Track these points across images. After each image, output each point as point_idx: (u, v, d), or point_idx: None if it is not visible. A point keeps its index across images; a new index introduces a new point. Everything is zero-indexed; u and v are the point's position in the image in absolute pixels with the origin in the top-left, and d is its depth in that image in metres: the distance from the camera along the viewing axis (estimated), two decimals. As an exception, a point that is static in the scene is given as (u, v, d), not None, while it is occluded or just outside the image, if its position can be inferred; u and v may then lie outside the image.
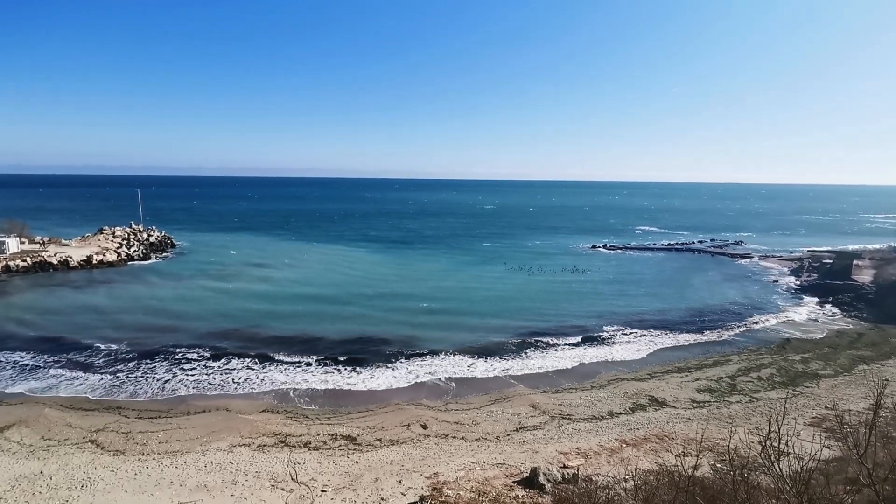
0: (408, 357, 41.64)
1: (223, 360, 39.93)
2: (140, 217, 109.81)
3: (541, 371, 40.02)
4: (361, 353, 42.21)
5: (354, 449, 27.11)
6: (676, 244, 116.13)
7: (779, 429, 10.02)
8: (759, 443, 12.60)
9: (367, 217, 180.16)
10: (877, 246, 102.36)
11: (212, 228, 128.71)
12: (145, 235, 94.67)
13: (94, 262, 75.66)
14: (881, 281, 66.54)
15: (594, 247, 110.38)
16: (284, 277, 71.40)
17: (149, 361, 39.38)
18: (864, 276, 70.65)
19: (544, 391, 36.14)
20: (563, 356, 43.03)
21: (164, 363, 39.15)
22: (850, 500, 10.83)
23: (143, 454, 25.92)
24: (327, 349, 42.86)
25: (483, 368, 40.11)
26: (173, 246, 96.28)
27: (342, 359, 40.78)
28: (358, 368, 39.31)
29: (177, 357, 40.34)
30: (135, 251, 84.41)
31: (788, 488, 8.27)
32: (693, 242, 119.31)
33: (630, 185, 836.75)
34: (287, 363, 39.83)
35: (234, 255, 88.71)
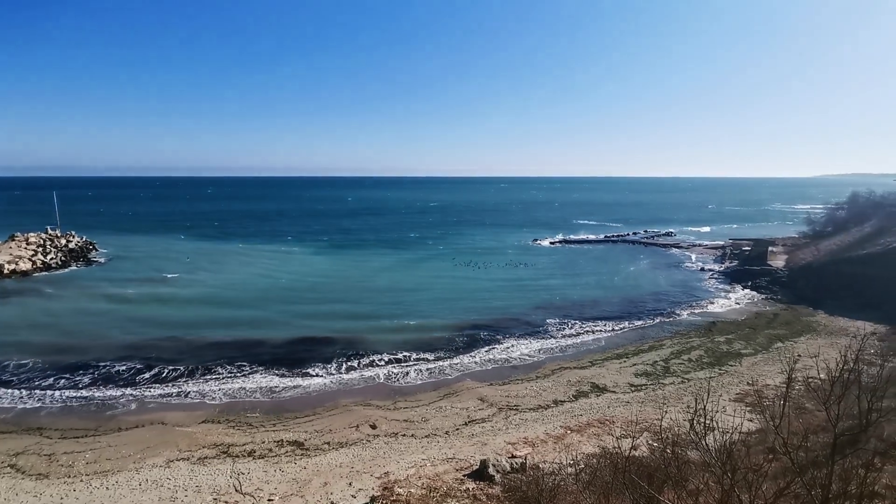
0: (354, 357, 41.06)
1: (155, 372, 37.67)
2: (57, 221, 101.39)
3: (488, 364, 40.74)
4: (305, 356, 41.13)
5: (302, 454, 26.49)
6: (612, 236, 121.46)
7: (705, 407, 10.78)
8: (687, 421, 13.48)
9: (307, 216, 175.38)
10: (789, 234, 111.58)
11: (138, 232, 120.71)
12: (63, 241, 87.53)
13: (6, 271, 69.20)
14: (792, 265, 72.75)
15: (535, 241, 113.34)
16: (218, 282, 67.95)
17: (71, 377, 36.52)
18: (778, 262, 76.97)
19: (492, 384, 36.80)
20: (509, 348, 43.98)
21: (88, 378, 36.44)
22: (768, 468, 11.82)
23: (70, 476, 24.09)
24: (269, 354, 41.46)
25: (431, 364, 40.28)
26: (96, 251, 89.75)
27: (285, 363, 39.57)
28: (302, 372, 38.33)
29: (103, 371, 37.64)
30: (52, 259, 77.92)
31: (714, 461, 8.93)
32: (627, 234, 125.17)
33: (564, 181, 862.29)
34: (226, 371, 38.13)
35: (163, 259, 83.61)
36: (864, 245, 67.27)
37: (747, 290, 65.17)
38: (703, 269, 79.65)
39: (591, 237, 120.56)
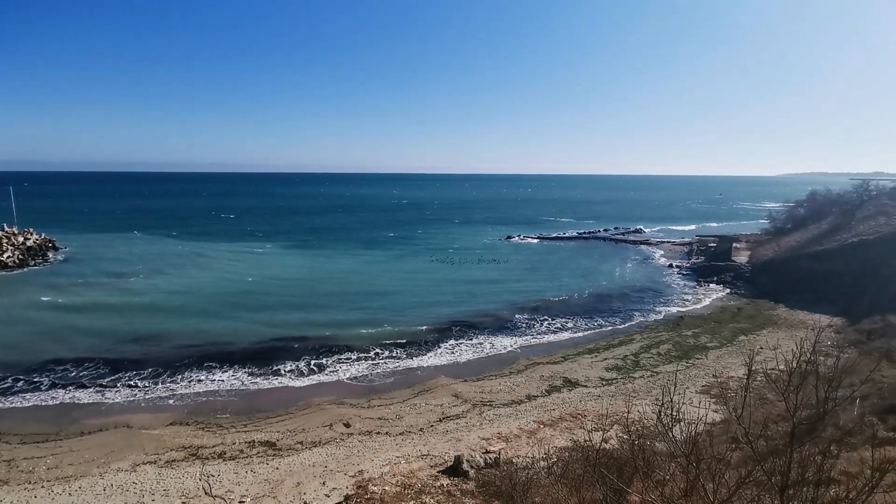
0: (327, 356, 40.66)
1: (119, 374, 36.42)
2: (14, 218, 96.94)
3: (462, 361, 40.92)
4: (276, 356, 40.42)
5: (274, 454, 26.13)
6: (584, 233, 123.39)
7: (671, 399, 11.09)
8: (655, 413, 13.85)
9: (275, 214, 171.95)
10: (752, 230, 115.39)
11: (101, 229, 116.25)
12: (21, 239, 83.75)
13: (-44, 271, 65.95)
14: (755, 261, 75.28)
15: (509, 237, 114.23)
16: (182, 282, 65.84)
17: (28, 379, 35.09)
18: (742, 257, 79.55)
19: (465, 380, 37.00)
20: (483, 345, 44.26)
21: (47, 381, 35.03)
22: (731, 457, 12.25)
23: (31, 482, 23.20)
24: (238, 355, 40.52)
25: (405, 362, 40.24)
26: (55, 250, 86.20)
27: (256, 364, 38.82)
28: (274, 371, 37.75)
29: (62, 374, 36.24)
30: (8, 257, 74.52)
31: (680, 451, 9.21)
32: (599, 231, 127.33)
33: (537, 178, 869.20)
34: (194, 372, 37.16)
35: (127, 258, 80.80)
36: (821, 241, 70.09)
37: (713, 285, 67.18)
38: (671, 266, 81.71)
39: (564, 234, 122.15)
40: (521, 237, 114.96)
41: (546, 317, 52.40)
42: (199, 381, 35.92)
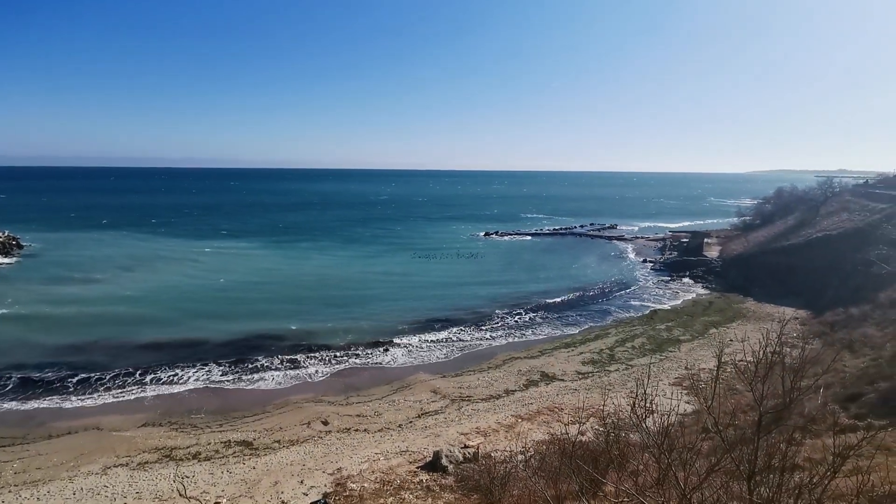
0: (303, 354, 40.25)
1: (87, 376, 35.24)
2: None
3: (440, 356, 41.04)
4: (252, 355, 39.76)
5: (251, 454, 25.81)
6: (560, 229, 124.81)
7: (645, 391, 11.38)
8: (629, 405, 14.18)
9: (249, 210, 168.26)
10: (722, 226, 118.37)
11: (68, 227, 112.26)
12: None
13: (-89, 270, 63.00)
14: (725, 255, 77.35)
15: (487, 234, 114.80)
16: (153, 280, 63.89)
17: (-7, 383, 33.85)
18: (713, 252, 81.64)
19: (444, 376, 37.14)
20: (461, 341, 44.46)
21: (11, 384, 33.71)
22: (702, 446, 12.64)
23: (-6, 489, 22.43)
24: (213, 354, 39.74)
25: (383, 358, 40.16)
26: (20, 248, 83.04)
27: (230, 363, 38.13)
28: (249, 370, 37.21)
29: (27, 376, 34.79)
30: (-33, 255, 71.59)
31: (653, 442, 9.47)
32: (574, 227, 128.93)
33: (512, 175, 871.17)
34: (166, 372, 36.29)
35: (94, 257, 78.03)
36: (787, 237, 72.40)
37: (686, 280, 68.81)
38: (645, 261, 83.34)
39: (540, 230, 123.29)
40: (499, 233, 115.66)
41: (524, 312, 52.90)
42: (172, 381, 35.16)
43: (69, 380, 34.67)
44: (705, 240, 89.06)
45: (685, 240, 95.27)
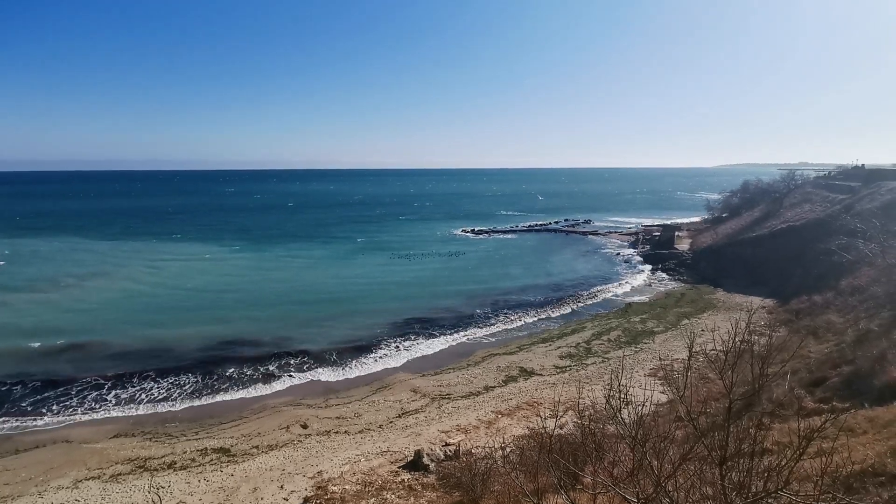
0: (281, 358, 39.65)
1: (54, 386, 34.09)
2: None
3: (420, 355, 41.04)
4: (227, 360, 39.01)
5: (229, 461, 25.38)
6: (535, 226, 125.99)
7: (620, 383, 11.62)
8: (605, 397, 14.46)
9: (220, 213, 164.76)
10: (692, 219, 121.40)
11: (31, 233, 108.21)
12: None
13: None
14: (696, 248, 79.37)
15: (462, 232, 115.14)
16: (121, 287, 62.04)
17: (-48, 399, 32.42)
18: (684, 245, 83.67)
19: (424, 374, 37.15)
20: (440, 339, 44.53)
21: (-26, 398, 32.50)
22: (675, 435, 12.97)
23: (-44, 509, 21.53)
24: (186, 361, 38.75)
25: (362, 359, 39.92)
26: (-21, 256, 79.71)
27: (205, 369, 37.36)
28: (226, 376, 36.51)
29: (-8, 389, 33.73)
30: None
31: (628, 432, 9.68)
32: (549, 223, 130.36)
33: (485, 172, 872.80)
34: (137, 382, 35.25)
35: (60, 263, 75.42)
36: (753, 228, 74.70)
37: (658, 273, 70.33)
38: (618, 255, 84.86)
39: (516, 227, 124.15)
40: (474, 231, 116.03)
41: (501, 308, 53.26)
42: (144, 390, 34.24)
43: (35, 394, 33.41)
44: (676, 233, 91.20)
45: (657, 234, 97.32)
